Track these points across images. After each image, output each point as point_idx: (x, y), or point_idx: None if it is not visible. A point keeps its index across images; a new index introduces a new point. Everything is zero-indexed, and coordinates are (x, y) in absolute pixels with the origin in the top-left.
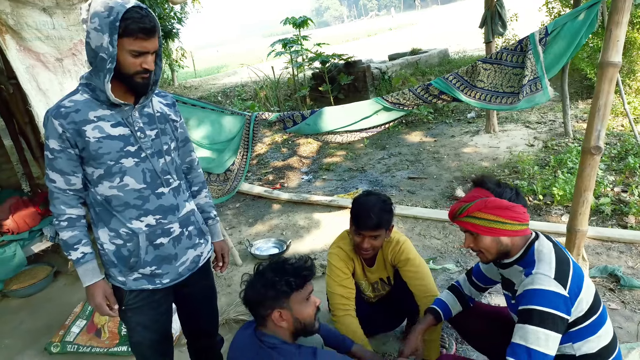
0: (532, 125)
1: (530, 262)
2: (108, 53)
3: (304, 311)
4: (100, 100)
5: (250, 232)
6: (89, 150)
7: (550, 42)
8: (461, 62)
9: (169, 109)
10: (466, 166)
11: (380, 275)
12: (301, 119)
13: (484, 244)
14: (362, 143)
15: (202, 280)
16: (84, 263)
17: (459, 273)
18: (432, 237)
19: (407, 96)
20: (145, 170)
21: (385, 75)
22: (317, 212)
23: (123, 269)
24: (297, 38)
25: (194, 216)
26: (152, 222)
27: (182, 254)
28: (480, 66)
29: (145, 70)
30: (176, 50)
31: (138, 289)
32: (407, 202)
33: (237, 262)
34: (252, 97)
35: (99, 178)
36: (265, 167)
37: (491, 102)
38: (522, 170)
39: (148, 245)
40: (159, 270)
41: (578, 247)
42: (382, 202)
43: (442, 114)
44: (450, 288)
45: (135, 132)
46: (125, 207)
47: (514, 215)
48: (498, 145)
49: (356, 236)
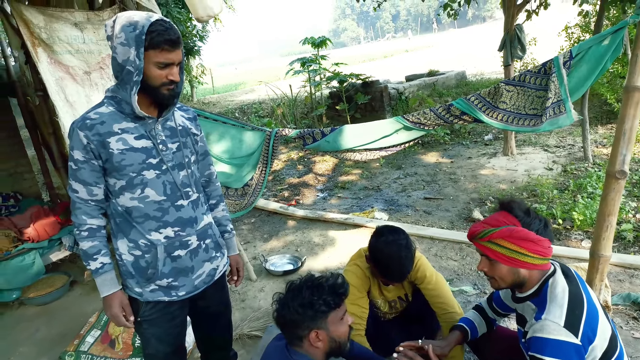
0: (550, 149)
1: (542, 302)
2: (135, 66)
3: (339, 330)
4: (125, 113)
5: (265, 248)
6: (112, 161)
7: (575, 65)
8: (479, 85)
9: (190, 122)
10: (483, 188)
11: (398, 294)
12: (321, 135)
13: (499, 271)
14: (378, 162)
15: (217, 294)
16: (103, 273)
17: (476, 296)
18: (448, 258)
19: (428, 116)
20: (166, 183)
21: (402, 95)
22: (332, 230)
23: (140, 280)
24: (316, 57)
25: (211, 229)
26: (170, 234)
27: (199, 267)
28: (503, 88)
29: (171, 82)
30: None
31: (154, 300)
32: (423, 223)
33: (252, 277)
34: (269, 114)
35: (121, 189)
36: (281, 183)
37: (513, 124)
38: (541, 193)
39: (166, 257)
40: (175, 282)
41: (601, 273)
42: (406, 248)
43: (459, 135)
44: (475, 308)
45: (157, 145)
46: (145, 219)
47: (538, 249)
48: (516, 168)
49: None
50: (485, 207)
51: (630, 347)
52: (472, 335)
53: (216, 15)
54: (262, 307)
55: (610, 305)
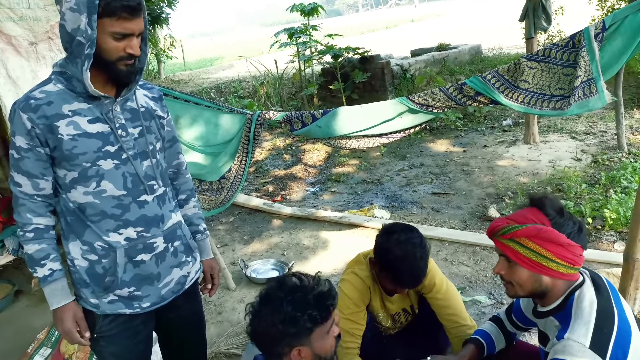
0: (579, 136)
1: (566, 318)
2: (86, 36)
3: (325, 345)
4: (77, 92)
5: (245, 252)
6: (61, 149)
7: (608, 38)
8: (497, 61)
9: (155, 103)
10: (501, 181)
11: (402, 306)
12: (311, 119)
13: (519, 276)
14: (378, 151)
15: (188, 305)
16: (52, 282)
17: (492, 307)
18: (460, 263)
19: (437, 97)
20: (127, 174)
21: (407, 73)
22: (325, 230)
23: (96, 290)
24: (306, 28)
25: (180, 229)
26: (132, 235)
27: (166, 274)
28: (525, 64)
29: (129, 56)
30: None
31: (113, 313)
32: (431, 222)
33: (230, 286)
34: (250, 94)
35: (73, 182)
36: (264, 176)
37: (536, 106)
38: (568, 188)
39: (127, 262)
40: (138, 291)
41: (636, 280)
42: (421, 247)
43: (473, 119)
44: (493, 320)
45: (115, 130)
46: (102, 217)
47: (567, 256)
48: (539, 158)
49: (391, 286)
50: (502, 203)
51: None
52: (488, 350)
53: None
54: (241, 321)
55: None
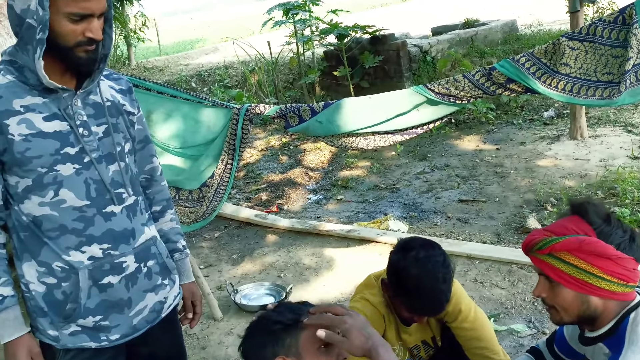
0: (636, 129)
1: (618, 343)
2: (37, 18)
3: None
4: (30, 84)
5: (234, 274)
6: (12, 152)
7: None
8: (535, 40)
9: (123, 96)
10: (542, 186)
11: (422, 337)
12: (310, 114)
13: (563, 299)
14: (393, 151)
15: (165, 337)
16: (3, 310)
17: (532, 337)
18: (493, 284)
19: (461, 85)
20: (90, 181)
21: (428, 55)
22: (330, 247)
23: (55, 319)
24: (304, 2)
25: (155, 246)
26: (97, 253)
27: (139, 299)
28: (565, 44)
29: (90, 40)
30: (135, 17)
31: (76, 347)
32: (458, 235)
33: (216, 315)
34: (239, 83)
35: (26, 191)
36: (256, 182)
37: (580, 95)
38: (623, 192)
39: (91, 286)
40: (105, 321)
41: None
42: (444, 267)
43: (508, 111)
44: (531, 351)
45: (76, 128)
46: (61, 232)
47: (618, 271)
48: (588, 156)
49: (407, 313)
50: (544, 212)
51: None
52: None
53: None
54: (230, 358)
55: None
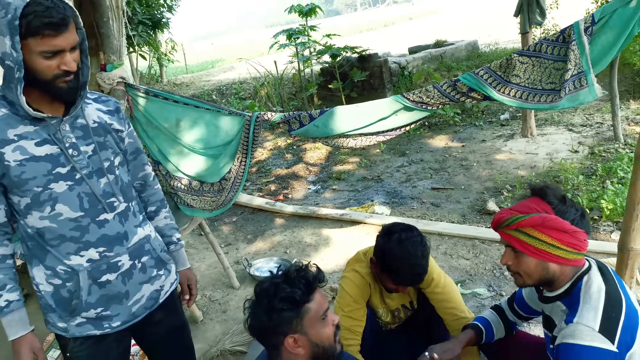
0: (575, 128)
1: (574, 303)
2: (13, 59)
3: (321, 333)
4: (21, 115)
5: (249, 250)
6: (9, 176)
7: (597, 32)
8: (493, 56)
9: (110, 117)
10: (499, 175)
11: (402, 302)
12: (309, 119)
13: (526, 266)
14: (378, 148)
15: (166, 318)
16: (8, 313)
17: (491, 299)
18: (460, 256)
19: (432, 94)
20: (82, 195)
21: (405, 70)
22: (327, 228)
23: (63, 314)
24: (304, 28)
25: (149, 243)
26: (94, 256)
27: (135, 291)
28: (516, 59)
29: (65, 73)
30: (165, 42)
31: (82, 335)
32: (431, 217)
33: (234, 284)
34: (251, 95)
35: (27, 208)
36: (266, 175)
37: (528, 101)
38: (565, 180)
39: (91, 284)
40: (106, 311)
41: (631, 269)
42: (422, 246)
43: (471, 115)
44: (494, 308)
45: (66, 150)
46: (61, 241)
47: (573, 242)
48: (536, 151)
49: (392, 285)
50: (501, 197)
51: None
52: (487, 337)
53: None
54: None
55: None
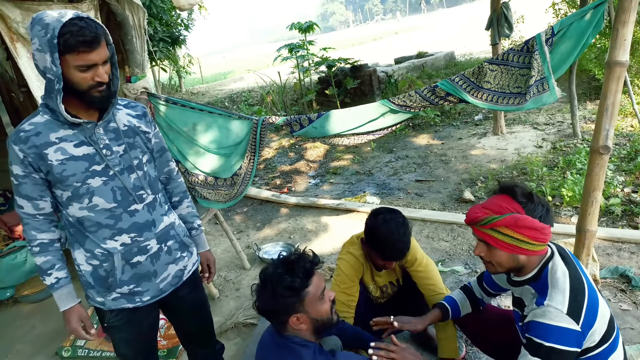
0: (540, 126)
1: (543, 287)
2: (53, 73)
3: (320, 309)
4: (61, 121)
5: (258, 236)
6: (53, 173)
7: (557, 42)
8: (467, 65)
9: (138, 120)
10: (474, 168)
11: (389, 279)
12: (308, 122)
13: (498, 257)
14: (369, 146)
15: (189, 295)
16: (58, 288)
17: (467, 275)
18: (440, 239)
19: (414, 98)
20: (115, 189)
21: (392, 78)
22: (325, 216)
23: (100, 290)
24: (303, 43)
25: (173, 229)
26: (127, 240)
27: (162, 270)
28: (487, 67)
29: (99, 83)
30: (183, 57)
31: (117, 308)
32: (415, 205)
33: (246, 266)
34: (258, 102)
35: (68, 200)
36: (272, 171)
37: (498, 103)
38: (531, 171)
39: (124, 265)
40: (138, 288)
41: (587, 248)
42: (404, 225)
43: (449, 116)
44: (462, 288)
45: (100, 150)
46: (98, 228)
47: (541, 237)
48: (506, 147)
49: (380, 261)
50: (475, 187)
51: (618, 319)
52: (453, 314)
53: (199, 3)
54: None
55: (598, 279)
